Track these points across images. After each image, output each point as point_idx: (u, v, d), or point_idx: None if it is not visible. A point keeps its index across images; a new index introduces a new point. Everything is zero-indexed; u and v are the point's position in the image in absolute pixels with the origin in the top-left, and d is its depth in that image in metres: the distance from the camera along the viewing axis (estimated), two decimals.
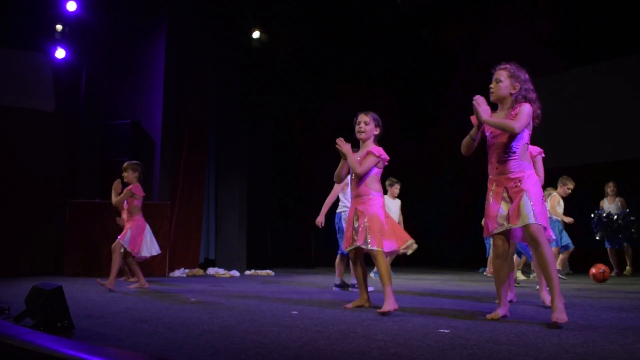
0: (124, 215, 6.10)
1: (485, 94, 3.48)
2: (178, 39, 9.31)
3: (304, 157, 11.99)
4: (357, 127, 4.09)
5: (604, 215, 8.40)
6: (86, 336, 2.72)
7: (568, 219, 7.31)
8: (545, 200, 3.28)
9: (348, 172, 4.18)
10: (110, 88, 9.43)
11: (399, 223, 6.78)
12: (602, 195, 8.70)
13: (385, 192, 6.77)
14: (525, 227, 3.18)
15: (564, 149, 9.85)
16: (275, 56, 10.80)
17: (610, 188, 8.58)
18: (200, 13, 9.63)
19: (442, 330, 2.82)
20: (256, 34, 10.51)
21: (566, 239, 7.46)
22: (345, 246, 4.11)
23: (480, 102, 3.36)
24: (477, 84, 3.50)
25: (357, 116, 4.13)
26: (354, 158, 4.02)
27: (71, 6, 9.04)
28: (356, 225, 3.95)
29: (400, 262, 8.72)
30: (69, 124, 9.37)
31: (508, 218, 3.26)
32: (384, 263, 3.81)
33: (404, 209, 8.04)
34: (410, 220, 8.33)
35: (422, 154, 12.39)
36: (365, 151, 4.01)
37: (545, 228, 3.21)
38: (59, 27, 9.11)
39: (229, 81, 10.23)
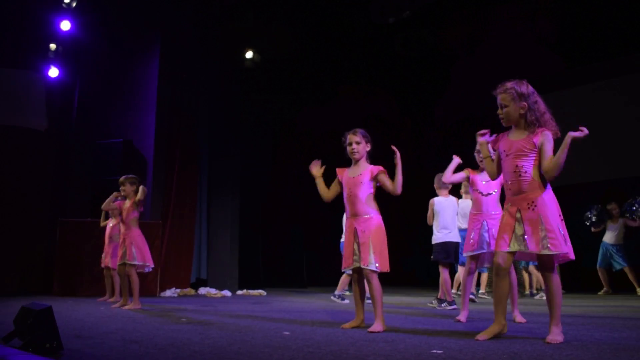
0: (121, 229, 5.99)
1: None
2: (172, 58, 9.36)
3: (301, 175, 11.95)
4: (349, 149, 4.05)
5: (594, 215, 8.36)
6: (75, 357, 2.68)
7: None
8: (562, 219, 3.25)
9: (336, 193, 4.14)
10: (103, 106, 9.44)
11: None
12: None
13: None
14: (540, 256, 3.20)
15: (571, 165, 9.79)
16: (275, 59, 10.79)
17: (615, 210, 8.49)
18: (194, 32, 9.69)
19: (435, 351, 2.80)
20: (249, 54, 10.58)
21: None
22: (344, 266, 4.00)
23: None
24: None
25: (346, 137, 4.08)
26: (388, 182, 3.95)
27: (65, 25, 9.08)
28: (356, 245, 3.91)
29: (396, 281, 8.67)
30: (61, 143, 9.37)
31: (524, 241, 3.21)
32: (378, 284, 3.80)
33: (409, 214, 7.86)
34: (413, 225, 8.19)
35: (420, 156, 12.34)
36: (373, 172, 3.96)
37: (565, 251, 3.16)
38: (52, 46, 9.15)
39: (223, 100, 10.26)
